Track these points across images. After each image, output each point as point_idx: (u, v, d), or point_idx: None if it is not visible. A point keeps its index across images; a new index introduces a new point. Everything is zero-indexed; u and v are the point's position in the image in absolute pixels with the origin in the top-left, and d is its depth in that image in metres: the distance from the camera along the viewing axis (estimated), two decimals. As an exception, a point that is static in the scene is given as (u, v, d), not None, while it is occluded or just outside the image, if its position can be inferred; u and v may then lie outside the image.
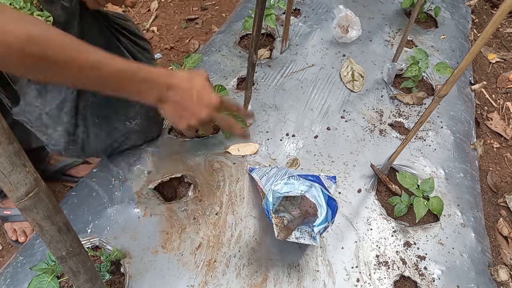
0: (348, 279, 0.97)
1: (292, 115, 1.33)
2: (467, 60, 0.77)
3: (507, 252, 1.21)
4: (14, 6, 1.91)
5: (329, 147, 1.25)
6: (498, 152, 1.53)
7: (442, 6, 1.85)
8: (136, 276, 0.94)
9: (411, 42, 1.67)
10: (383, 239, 1.05)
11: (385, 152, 1.24)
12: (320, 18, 1.72)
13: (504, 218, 1.31)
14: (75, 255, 0.55)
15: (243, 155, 1.20)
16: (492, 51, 1.94)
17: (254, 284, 0.95)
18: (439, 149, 1.28)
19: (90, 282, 0.62)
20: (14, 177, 0.40)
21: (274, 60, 1.53)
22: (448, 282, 0.99)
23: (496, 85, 1.79)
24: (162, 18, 2.05)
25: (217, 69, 1.48)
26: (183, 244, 1.00)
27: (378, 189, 1.17)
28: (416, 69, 1.34)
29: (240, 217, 1.06)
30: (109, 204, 1.07)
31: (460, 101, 1.48)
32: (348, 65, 1.51)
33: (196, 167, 1.16)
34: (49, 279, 0.80)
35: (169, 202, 1.09)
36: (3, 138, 0.37)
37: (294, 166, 1.19)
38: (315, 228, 0.86)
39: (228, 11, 2.09)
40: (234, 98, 1.37)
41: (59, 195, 1.32)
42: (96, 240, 0.99)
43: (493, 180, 1.42)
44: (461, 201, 1.16)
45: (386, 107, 1.39)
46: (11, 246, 1.23)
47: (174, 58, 1.83)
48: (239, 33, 1.64)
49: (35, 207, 0.44)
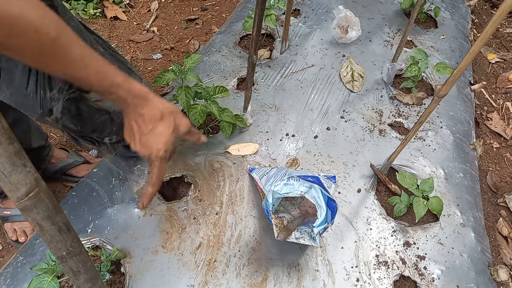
0: (348, 279, 0.97)
1: (292, 115, 1.33)
2: (466, 60, 0.77)
3: (506, 252, 1.21)
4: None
5: (329, 147, 1.25)
6: (498, 152, 1.54)
7: (442, 6, 1.85)
8: (136, 276, 0.94)
9: (411, 42, 1.67)
10: (383, 239, 1.05)
11: (385, 152, 1.24)
12: (320, 19, 1.73)
13: (504, 218, 1.31)
14: (75, 255, 0.55)
15: (243, 155, 1.20)
16: (492, 51, 1.94)
17: (254, 283, 0.95)
18: (438, 149, 1.28)
19: (90, 282, 0.62)
20: (14, 177, 0.40)
21: (274, 61, 1.53)
22: (448, 282, 0.99)
23: (496, 85, 1.79)
24: (162, 19, 2.05)
25: (217, 69, 1.49)
26: (183, 244, 1.00)
27: (377, 189, 1.17)
28: (415, 69, 1.34)
29: (240, 217, 1.06)
30: (109, 204, 1.07)
31: (459, 101, 1.48)
32: (347, 65, 1.51)
33: (196, 167, 1.16)
34: (49, 279, 0.80)
35: (169, 202, 1.09)
36: (4, 138, 0.37)
37: (294, 166, 1.19)
38: (315, 229, 0.86)
39: (228, 12, 2.09)
40: (234, 98, 1.37)
41: (59, 195, 1.32)
42: (96, 240, 1.00)
43: (492, 180, 1.42)
44: (461, 201, 1.16)
45: (385, 107, 1.39)
46: (11, 246, 1.24)
47: (174, 58, 1.83)
48: (239, 33, 1.65)
49: (35, 207, 0.44)
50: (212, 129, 1.29)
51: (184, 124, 0.85)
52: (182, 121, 0.85)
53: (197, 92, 1.13)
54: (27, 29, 0.54)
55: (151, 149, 0.81)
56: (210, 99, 1.13)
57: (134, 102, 0.76)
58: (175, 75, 1.11)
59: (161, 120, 0.80)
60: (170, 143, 0.82)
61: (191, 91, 1.11)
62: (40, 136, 1.22)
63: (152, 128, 0.79)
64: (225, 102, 1.34)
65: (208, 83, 1.43)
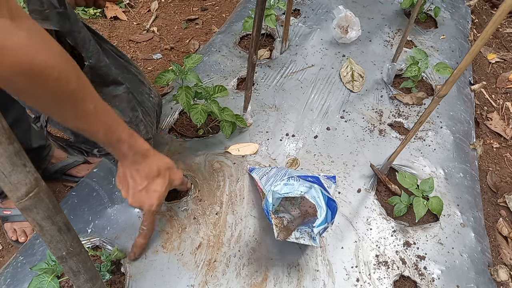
0: (348, 279, 0.97)
1: (292, 115, 1.33)
2: (466, 60, 0.77)
3: (506, 252, 1.21)
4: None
5: (329, 147, 1.25)
6: (498, 152, 1.54)
7: (442, 6, 1.85)
8: (136, 276, 0.94)
9: (411, 42, 1.67)
10: (383, 239, 1.05)
11: (385, 152, 1.24)
12: (319, 19, 1.73)
13: (504, 218, 1.31)
14: (75, 255, 0.55)
15: (243, 155, 1.20)
16: (492, 51, 1.94)
17: (254, 283, 0.95)
18: (438, 149, 1.28)
19: (90, 282, 0.62)
20: (14, 177, 0.40)
21: (274, 61, 1.53)
22: (448, 282, 0.99)
23: (496, 85, 1.79)
24: (162, 19, 2.05)
25: (217, 69, 1.49)
26: (183, 243, 1.00)
27: (377, 189, 1.17)
28: (415, 69, 1.34)
29: (240, 217, 1.06)
30: (110, 204, 1.07)
31: (459, 101, 1.48)
32: (347, 65, 1.51)
33: (196, 167, 1.16)
34: (49, 279, 0.80)
35: (169, 202, 1.09)
36: (4, 138, 0.37)
37: (294, 166, 1.19)
38: (315, 229, 0.86)
39: (228, 12, 2.09)
40: (234, 98, 1.37)
41: (59, 195, 1.32)
42: (96, 240, 1.00)
43: (492, 180, 1.42)
44: (461, 201, 1.16)
45: (385, 107, 1.39)
46: (11, 246, 1.24)
47: (174, 59, 1.83)
48: (239, 33, 1.65)
49: (35, 207, 0.44)
50: (212, 129, 1.29)
51: (178, 178, 0.91)
52: (176, 175, 0.90)
53: (197, 92, 1.13)
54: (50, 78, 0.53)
55: (143, 204, 0.86)
56: (210, 99, 1.13)
57: (133, 158, 0.79)
58: (175, 75, 1.10)
59: (158, 177, 0.84)
60: (163, 198, 0.88)
61: (191, 91, 1.11)
62: (40, 136, 1.22)
63: (147, 185, 0.84)
64: (225, 102, 1.34)
65: (208, 83, 1.43)
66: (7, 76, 0.48)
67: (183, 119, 1.31)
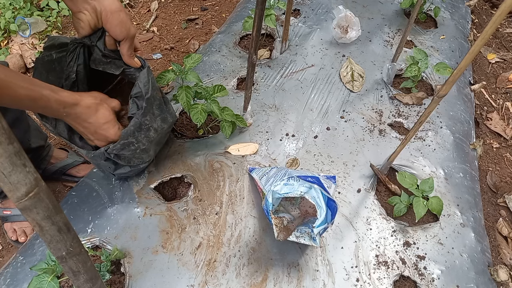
0: (348, 279, 0.97)
1: (292, 115, 1.33)
2: (466, 60, 0.77)
3: (506, 252, 1.21)
4: (14, 6, 1.91)
5: (329, 147, 1.25)
6: (498, 152, 1.53)
7: (442, 6, 1.85)
8: (136, 276, 0.94)
9: (411, 42, 1.67)
10: (383, 239, 1.05)
11: (385, 152, 1.24)
12: (319, 19, 1.73)
13: (504, 218, 1.31)
14: (75, 255, 0.55)
15: (243, 155, 1.20)
16: (492, 51, 1.94)
17: (254, 283, 0.95)
18: (438, 149, 1.28)
19: (90, 282, 0.62)
20: (14, 177, 0.40)
21: (274, 61, 1.53)
22: (448, 282, 0.99)
23: (496, 85, 1.79)
24: (162, 19, 2.05)
25: (217, 69, 1.49)
26: (183, 244, 1.00)
27: (377, 189, 1.17)
28: (415, 69, 1.34)
29: (240, 217, 1.06)
30: (109, 204, 1.07)
31: (459, 101, 1.48)
32: (347, 65, 1.51)
33: (196, 167, 1.16)
34: (49, 279, 0.80)
35: (169, 202, 1.09)
36: (3, 138, 0.37)
37: (294, 166, 1.19)
38: (315, 229, 0.86)
39: (228, 12, 2.09)
40: (234, 98, 1.37)
41: (59, 195, 1.32)
42: (96, 239, 1.00)
43: (492, 180, 1.42)
44: (461, 201, 1.16)
45: (385, 107, 1.39)
46: (11, 246, 1.24)
47: (174, 58, 1.83)
48: (239, 33, 1.65)
49: (35, 207, 0.44)
50: (212, 129, 1.29)
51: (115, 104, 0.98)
52: (113, 103, 0.97)
53: (197, 92, 1.13)
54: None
55: (106, 140, 0.94)
56: (210, 99, 1.13)
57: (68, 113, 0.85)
58: (175, 75, 1.10)
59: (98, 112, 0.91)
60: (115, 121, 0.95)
61: (191, 91, 1.11)
62: (40, 136, 1.22)
63: (96, 127, 0.91)
64: (225, 102, 1.34)
65: (208, 83, 1.43)
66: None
67: (183, 119, 1.31)
